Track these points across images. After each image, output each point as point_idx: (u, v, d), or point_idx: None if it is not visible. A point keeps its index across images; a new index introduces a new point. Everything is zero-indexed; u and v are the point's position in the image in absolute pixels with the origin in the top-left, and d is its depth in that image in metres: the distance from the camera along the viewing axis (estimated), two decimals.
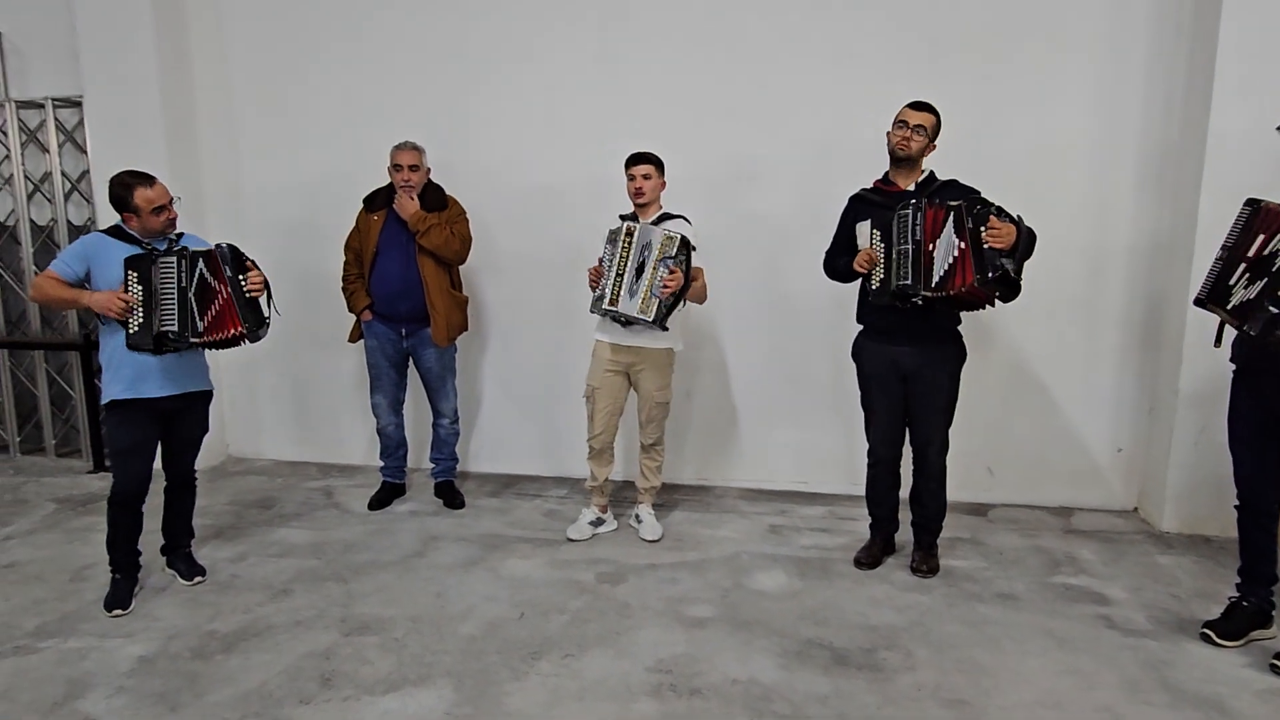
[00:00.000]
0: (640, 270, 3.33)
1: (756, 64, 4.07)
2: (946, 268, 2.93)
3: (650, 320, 3.32)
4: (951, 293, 2.93)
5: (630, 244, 3.34)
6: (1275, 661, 2.66)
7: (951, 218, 2.92)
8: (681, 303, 3.42)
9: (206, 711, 2.43)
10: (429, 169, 3.86)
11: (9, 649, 2.77)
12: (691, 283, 3.40)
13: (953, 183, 3.14)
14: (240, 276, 2.96)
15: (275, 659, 2.71)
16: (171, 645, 2.80)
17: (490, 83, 4.32)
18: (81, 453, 4.86)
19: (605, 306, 3.37)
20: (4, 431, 4.99)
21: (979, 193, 3.02)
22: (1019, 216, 2.89)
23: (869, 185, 3.26)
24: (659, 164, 3.49)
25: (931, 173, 3.17)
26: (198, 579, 3.26)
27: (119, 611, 3.02)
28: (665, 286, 3.29)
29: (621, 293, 3.34)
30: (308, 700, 2.48)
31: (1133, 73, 3.79)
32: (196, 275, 2.91)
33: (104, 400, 3.00)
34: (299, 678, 2.60)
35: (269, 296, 3.04)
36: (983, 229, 2.86)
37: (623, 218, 3.53)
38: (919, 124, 3.07)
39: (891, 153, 3.14)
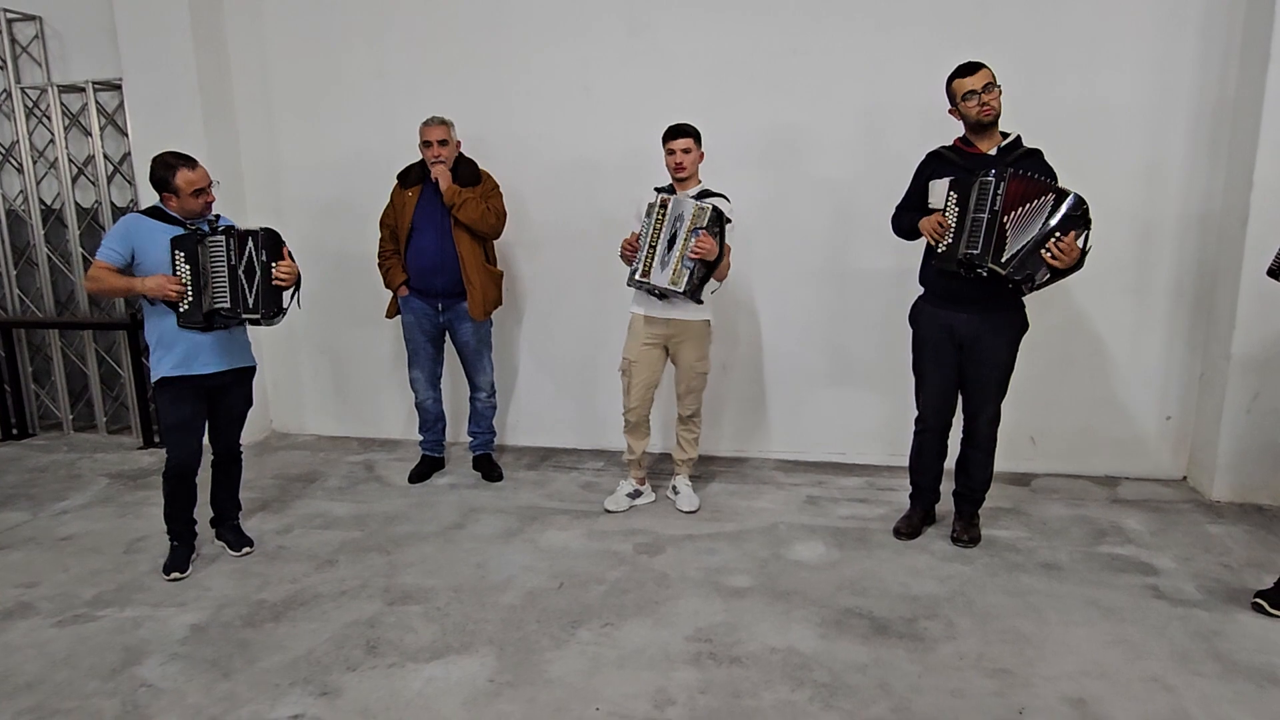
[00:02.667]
0: (672, 242, 3.30)
1: (796, 28, 3.98)
2: (1020, 248, 2.83)
3: (681, 291, 3.31)
4: (1011, 275, 2.87)
5: (664, 216, 3.31)
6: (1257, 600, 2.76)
7: (1051, 206, 2.79)
8: (712, 278, 3.39)
9: (257, 677, 2.50)
10: (459, 142, 3.86)
11: (69, 617, 2.87)
12: (723, 256, 3.36)
13: (1036, 154, 3.01)
14: (273, 263, 3.02)
15: (322, 627, 2.78)
16: (223, 614, 2.88)
17: (523, 55, 4.29)
18: (131, 429, 4.99)
19: (637, 279, 3.36)
20: (57, 409, 5.15)
21: (1055, 176, 2.92)
22: (1090, 247, 2.82)
23: (949, 144, 3.12)
24: (697, 136, 3.44)
25: (1018, 138, 3.03)
26: (246, 550, 3.35)
27: (177, 575, 3.13)
28: (694, 253, 3.25)
29: (654, 265, 3.32)
30: (354, 667, 2.54)
31: (1186, 27, 3.65)
32: (246, 253, 2.98)
33: (154, 378, 3.07)
34: (345, 645, 2.66)
35: (296, 289, 3.10)
36: (1057, 236, 2.77)
37: (659, 190, 3.50)
38: (987, 83, 2.93)
39: (976, 123, 2.98)
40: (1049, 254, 2.79)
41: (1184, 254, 3.84)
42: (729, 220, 3.36)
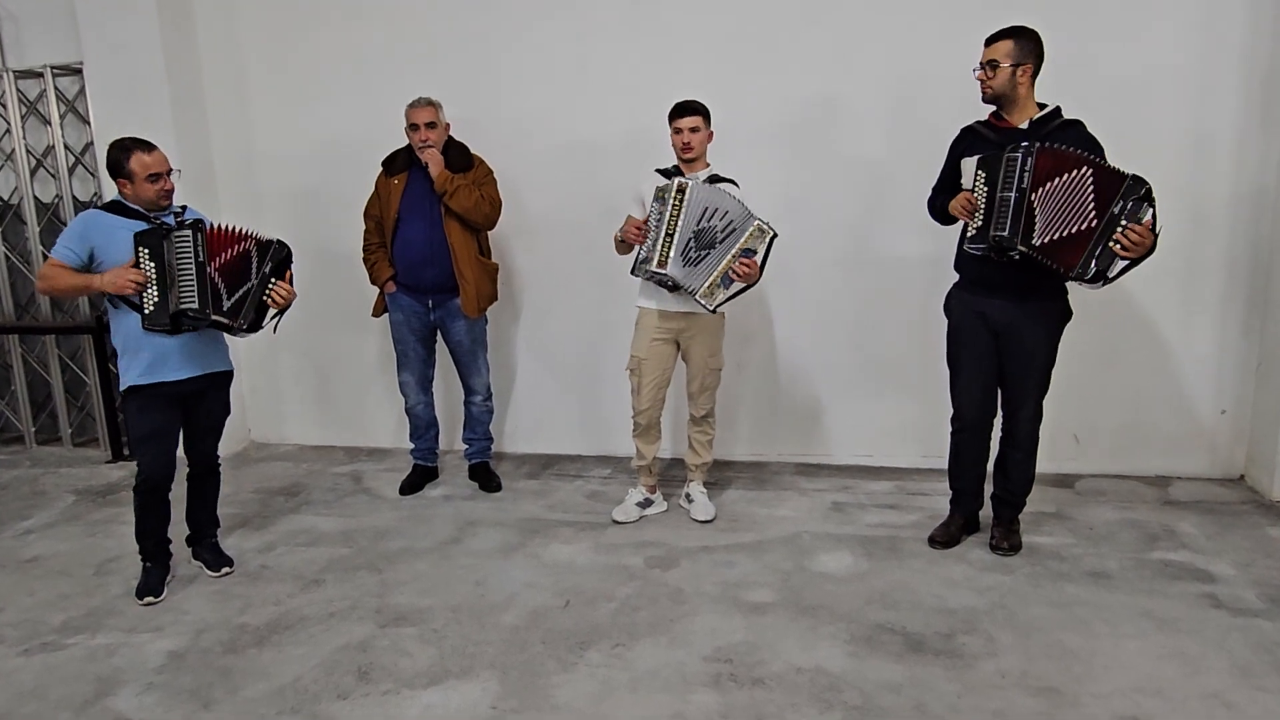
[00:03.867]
0: (711, 245, 3.29)
1: None
2: (1061, 235, 2.81)
3: (710, 309, 3.35)
4: (1051, 264, 2.85)
5: (681, 202, 3.29)
6: None
7: (1093, 185, 2.75)
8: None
9: (241, 708, 2.51)
10: (448, 124, 3.86)
11: (36, 645, 2.88)
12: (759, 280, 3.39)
13: (1075, 125, 2.96)
14: (272, 279, 3.08)
15: (310, 652, 2.78)
16: (202, 639, 2.88)
17: (515, 31, 4.29)
18: (99, 441, 5.00)
19: (653, 269, 3.33)
20: (19, 421, 5.17)
21: (1102, 149, 2.89)
22: (1160, 227, 2.77)
23: (984, 118, 3.12)
24: (706, 114, 3.43)
25: (1056, 109, 2.99)
26: (225, 570, 3.35)
27: (150, 599, 3.13)
28: (735, 274, 3.29)
29: (671, 255, 3.30)
30: (345, 695, 2.55)
31: None
32: (241, 250, 3.04)
33: (122, 386, 3.08)
34: (335, 671, 2.67)
35: (281, 313, 3.16)
36: (1124, 224, 2.72)
37: (662, 173, 3.49)
38: (989, 59, 2.95)
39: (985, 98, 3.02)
40: (1118, 245, 2.75)
41: (1236, 233, 3.82)
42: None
